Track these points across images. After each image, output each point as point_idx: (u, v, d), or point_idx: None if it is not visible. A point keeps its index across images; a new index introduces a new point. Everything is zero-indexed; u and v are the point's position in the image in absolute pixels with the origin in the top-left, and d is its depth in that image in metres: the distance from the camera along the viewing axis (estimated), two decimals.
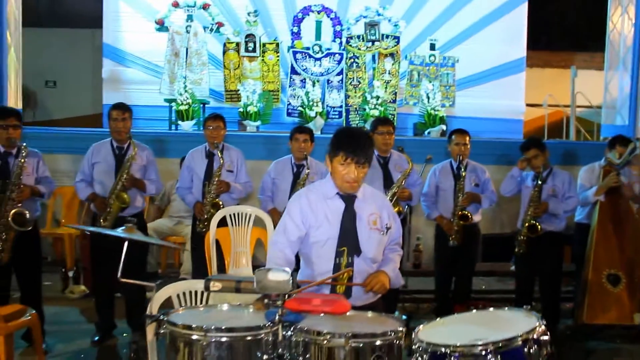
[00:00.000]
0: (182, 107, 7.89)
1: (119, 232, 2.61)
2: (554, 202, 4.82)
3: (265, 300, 1.99)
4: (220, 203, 4.82)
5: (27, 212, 4.20)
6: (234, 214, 4.63)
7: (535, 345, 1.98)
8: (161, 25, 8.40)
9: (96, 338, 4.60)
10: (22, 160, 4.22)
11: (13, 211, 4.15)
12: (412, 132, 8.50)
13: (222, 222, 4.64)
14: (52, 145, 6.55)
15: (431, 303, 5.49)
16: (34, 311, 3.88)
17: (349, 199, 2.73)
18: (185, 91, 7.91)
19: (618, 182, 4.98)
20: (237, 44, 8.26)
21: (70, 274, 6.06)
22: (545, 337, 2.03)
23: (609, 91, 8.31)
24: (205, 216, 4.80)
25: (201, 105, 8.13)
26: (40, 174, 4.47)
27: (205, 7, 8.33)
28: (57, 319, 5.05)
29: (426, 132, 8.22)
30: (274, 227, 4.58)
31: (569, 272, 5.50)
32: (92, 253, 4.78)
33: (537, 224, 4.75)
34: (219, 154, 4.86)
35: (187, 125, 7.91)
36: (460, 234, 4.89)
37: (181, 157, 6.52)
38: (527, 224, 4.78)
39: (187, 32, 8.28)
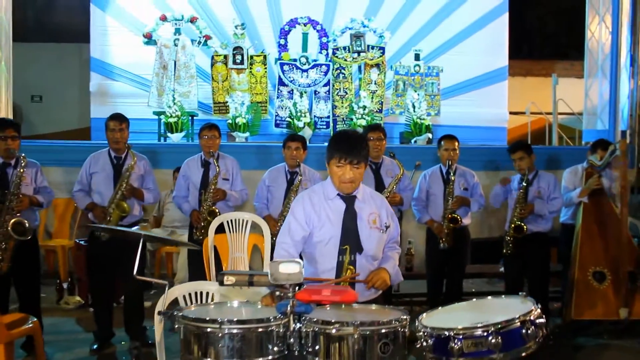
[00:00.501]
0: (171, 120, 7.97)
1: (136, 229, 2.68)
2: (539, 204, 4.99)
3: (277, 293, 2.09)
4: (217, 211, 4.89)
5: (26, 221, 4.25)
6: (231, 220, 4.72)
7: (533, 327, 2.11)
8: (149, 39, 8.50)
9: (95, 346, 4.62)
10: (21, 170, 4.28)
11: (12, 220, 4.20)
12: (398, 141, 8.67)
13: (219, 229, 4.73)
14: (41, 158, 6.50)
15: (423, 306, 5.60)
16: (35, 319, 3.92)
17: (349, 200, 2.84)
18: (174, 103, 8.00)
19: (600, 185, 5.17)
20: (225, 57, 8.38)
21: (65, 285, 6.07)
22: (541, 320, 2.16)
23: (589, 97, 8.56)
24: (202, 224, 4.87)
25: (190, 118, 8.23)
26: (38, 184, 4.53)
27: (192, 20, 8.44)
28: (54, 329, 5.07)
29: (412, 141, 8.38)
30: (270, 233, 4.71)
31: (555, 272, 5.66)
32: (88, 263, 4.81)
33: (523, 224, 4.91)
34: (215, 162, 4.95)
35: (176, 138, 8.00)
36: (450, 237, 5.01)
37: (175, 168, 6.61)
38: (513, 225, 4.94)
39: (175, 45, 8.37)
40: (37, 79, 10.92)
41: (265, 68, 8.46)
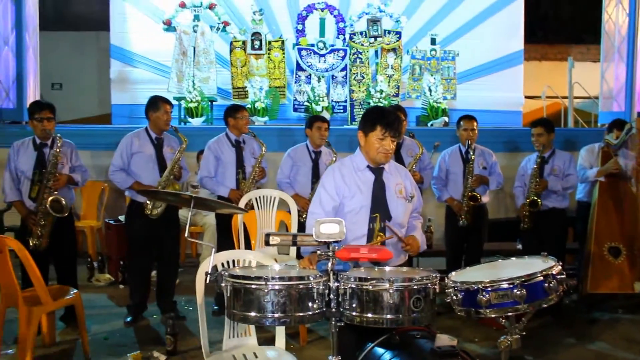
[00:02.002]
0: (192, 105, 8.15)
1: (188, 193, 2.86)
2: (554, 180, 5.13)
3: (318, 252, 2.26)
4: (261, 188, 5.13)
5: (63, 199, 4.45)
6: (259, 197, 4.90)
7: (554, 281, 2.27)
8: (168, 26, 8.67)
9: (128, 319, 4.84)
10: (58, 150, 4.47)
11: (50, 198, 4.40)
12: (415, 125, 8.78)
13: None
14: None
15: (441, 282, 5.75)
16: (76, 290, 4.13)
17: (378, 171, 3.02)
18: (194, 89, 8.18)
19: (619, 169, 5.26)
20: (244, 42, 8.53)
21: (95, 264, 6.29)
22: (562, 276, 2.32)
23: (605, 80, 8.58)
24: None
25: (209, 103, 8.40)
26: (74, 163, 4.72)
27: (211, 7, 8.59)
28: (87, 304, 5.19)
29: (429, 124, 8.51)
30: (299, 210, 4.91)
31: (572, 249, 5.79)
32: (130, 240, 4.96)
33: (538, 199, 5.05)
34: (258, 140, 5.17)
35: (196, 122, 8.18)
36: (469, 215, 5.17)
37: (198, 151, 6.79)
38: (528, 200, 5.09)
39: (195, 31, 8.53)
40: (57, 67, 11.08)
41: (283, 53, 8.60)
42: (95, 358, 4.14)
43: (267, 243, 2.30)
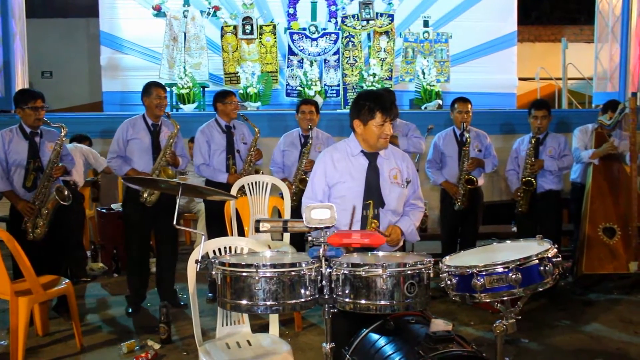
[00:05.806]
0: (183, 91, 8.06)
1: (177, 180, 2.81)
2: (550, 160, 5.09)
3: (309, 238, 2.23)
4: (259, 169, 5.07)
5: (65, 188, 4.40)
6: (251, 183, 4.85)
7: (550, 264, 2.24)
8: (158, 11, 8.56)
9: (130, 310, 4.79)
10: (63, 139, 4.42)
11: (56, 186, 4.36)
12: (408, 109, 8.73)
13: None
14: None
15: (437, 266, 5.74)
16: (67, 280, 4.09)
17: (372, 156, 2.96)
18: (186, 75, 8.08)
19: (615, 150, 5.22)
20: (235, 27, 8.43)
21: (88, 253, 6.25)
22: (558, 259, 2.29)
23: (599, 60, 8.54)
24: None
25: (201, 89, 8.31)
26: (62, 153, 4.64)
27: None
28: (81, 294, 5.26)
29: (422, 107, 8.45)
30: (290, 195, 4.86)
31: (567, 231, 5.78)
32: (126, 229, 4.90)
33: (533, 179, 5.02)
34: (251, 124, 5.13)
35: (188, 109, 8.10)
36: (465, 198, 5.13)
37: (189, 138, 6.72)
38: (523, 180, 5.06)
39: (185, 16, 8.42)
40: (46, 55, 10.98)
41: (275, 38, 8.50)
42: (89, 348, 4.10)
43: (257, 229, 2.26)
